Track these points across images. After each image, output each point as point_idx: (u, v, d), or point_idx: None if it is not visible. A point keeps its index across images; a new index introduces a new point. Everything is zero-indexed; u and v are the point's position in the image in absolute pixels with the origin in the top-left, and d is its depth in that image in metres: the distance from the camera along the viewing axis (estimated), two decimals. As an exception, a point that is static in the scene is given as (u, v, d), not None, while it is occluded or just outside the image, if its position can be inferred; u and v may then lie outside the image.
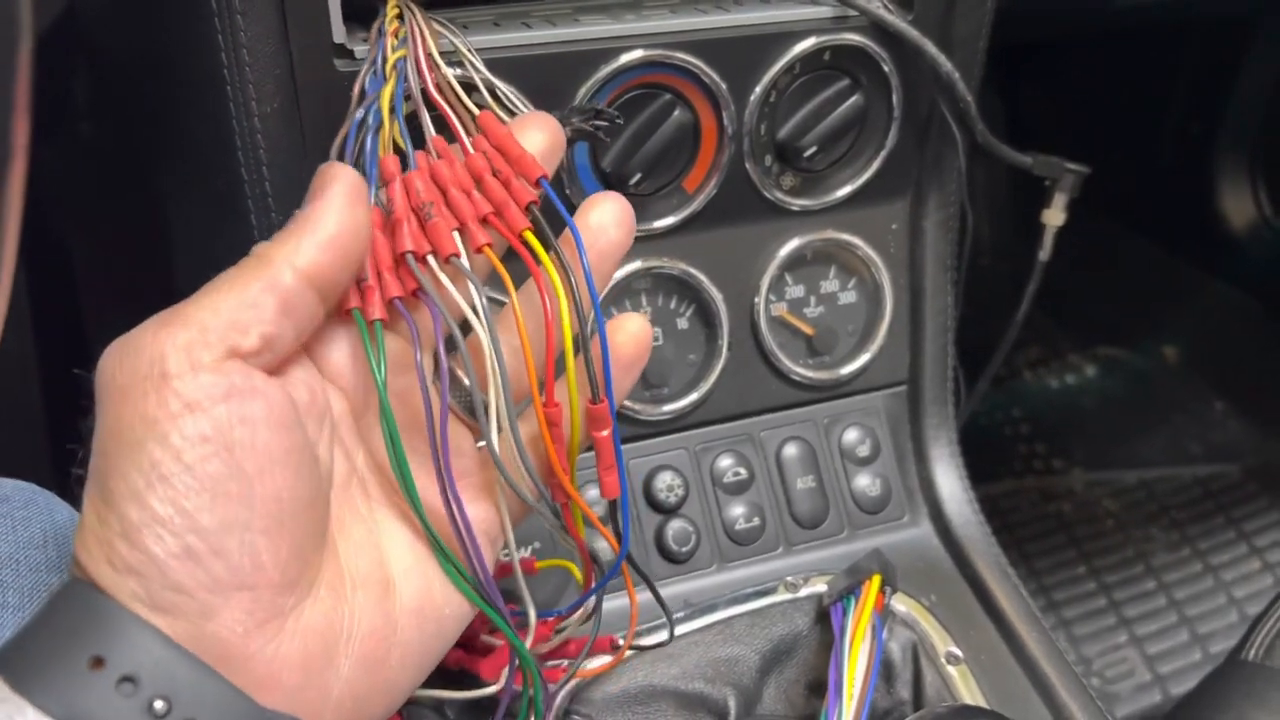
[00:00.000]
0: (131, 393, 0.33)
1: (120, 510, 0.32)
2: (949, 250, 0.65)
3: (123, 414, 0.33)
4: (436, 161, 0.43)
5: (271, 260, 0.36)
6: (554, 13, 0.56)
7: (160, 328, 0.34)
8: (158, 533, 0.32)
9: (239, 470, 0.33)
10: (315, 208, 0.38)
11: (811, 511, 0.63)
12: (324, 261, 0.37)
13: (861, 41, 0.58)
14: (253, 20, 0.47)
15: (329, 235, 0.37)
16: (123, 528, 0.32)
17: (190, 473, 0.33)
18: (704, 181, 0.59)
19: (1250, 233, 1.40)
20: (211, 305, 0.35)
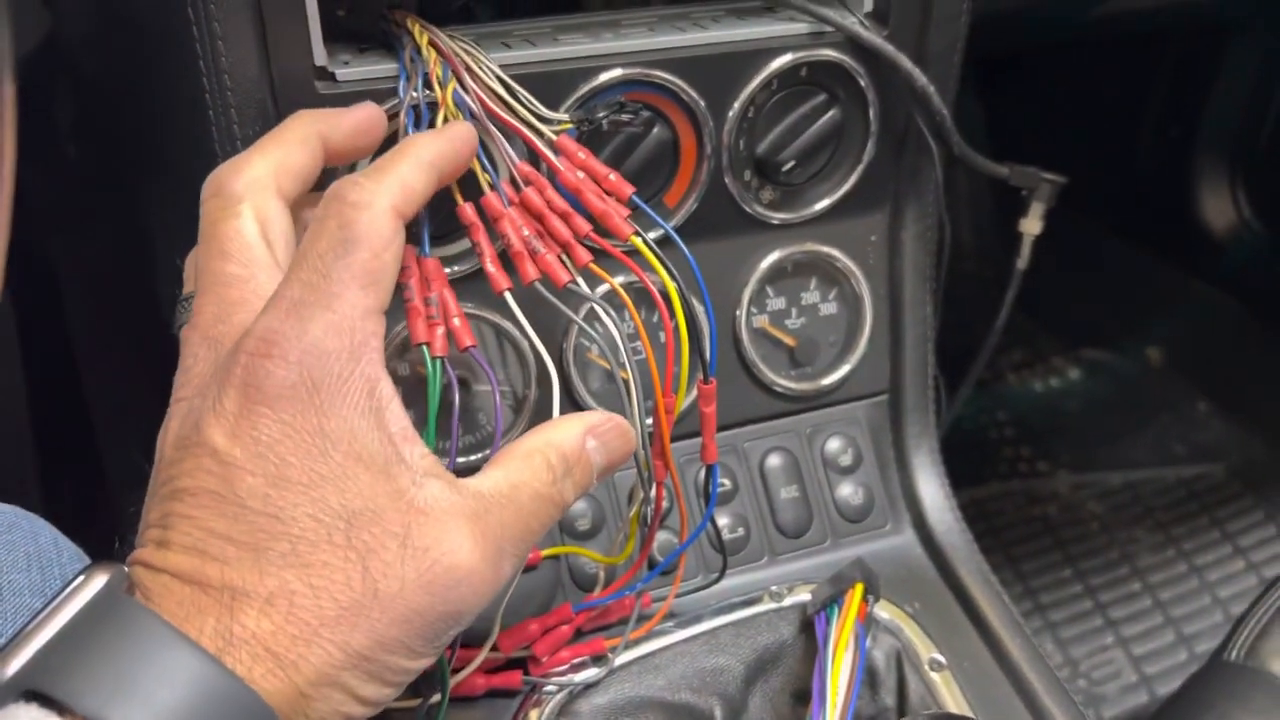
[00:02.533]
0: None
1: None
2: (928, 261, 0.66)
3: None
4: (526, 190, 0.48)
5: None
6: (533, 32, 0.56)
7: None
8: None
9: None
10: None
11: (795, 521, 0.63)
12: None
13: (838, 57, 0.59)
14: (233, 45, 0.48)
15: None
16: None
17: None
18: (684, 196, 0.60)
19: (1230, 234, 1.41)
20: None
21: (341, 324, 0.37)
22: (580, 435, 0.41)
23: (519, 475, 0.39)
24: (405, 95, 0.49)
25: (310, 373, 0.36)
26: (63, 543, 0.45)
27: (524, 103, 0.51)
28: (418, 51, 0.50)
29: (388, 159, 0.42)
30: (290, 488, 0.35)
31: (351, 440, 0.36)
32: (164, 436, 0.38)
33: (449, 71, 0.49)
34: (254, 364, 0.36)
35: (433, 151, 0.43)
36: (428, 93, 0.49)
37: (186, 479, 0.35)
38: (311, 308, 0.37)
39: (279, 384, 0.36)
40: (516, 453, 0.40)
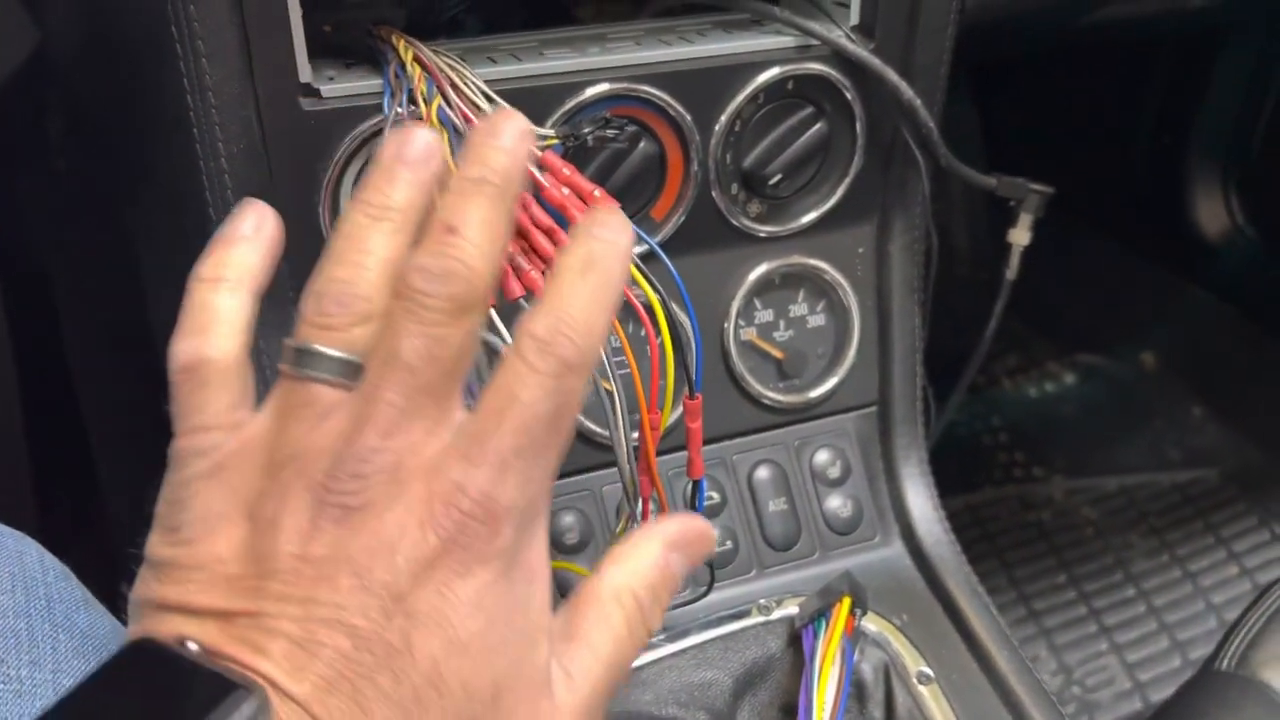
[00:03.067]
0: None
1: None
2: (915, 273, 0.66)
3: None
4: None
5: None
6: (519, 47, 0.56)
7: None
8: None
9: None
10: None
11: (784, 534, 0.63)
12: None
13: (824, 70, 0.59)
14: (218, 63, 0.48)
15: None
16: None
17: None
18: (671, 210, 0.60)
19: (1224, 240, 1.41)
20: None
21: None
22: (661, 558, 0.39)
23: (612, 633, 0.37)
24: (390, 111, 0.49)
25: (526, 537, 0.35)
26: (48, 561, 0.45)
27: None
28: (402, 67, 0.50)
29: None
30: (460, 657, 0.33)
31: (523, 611, 0.35)
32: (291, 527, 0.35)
33: (433, 87, 0.49)
34: (473, 529, 0.34)
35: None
36: (412, 108, 0.49)
37: (357, 616, 0.33)
38: (526, 469, 0.34)
39: (495, 552, 0.34)
40: (605, 597, 0.38)
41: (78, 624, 0.43)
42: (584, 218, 0.39)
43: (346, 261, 0.37)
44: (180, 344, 0.38)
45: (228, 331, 0.38)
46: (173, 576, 0.35)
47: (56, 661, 0.41)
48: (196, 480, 0.36)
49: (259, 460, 0.36)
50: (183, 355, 0.38)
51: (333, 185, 0.52)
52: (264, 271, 0.40)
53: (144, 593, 0.36)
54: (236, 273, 0.39)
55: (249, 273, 0.39)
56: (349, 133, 0.51)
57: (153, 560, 0.36)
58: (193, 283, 0.39)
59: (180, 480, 0.36)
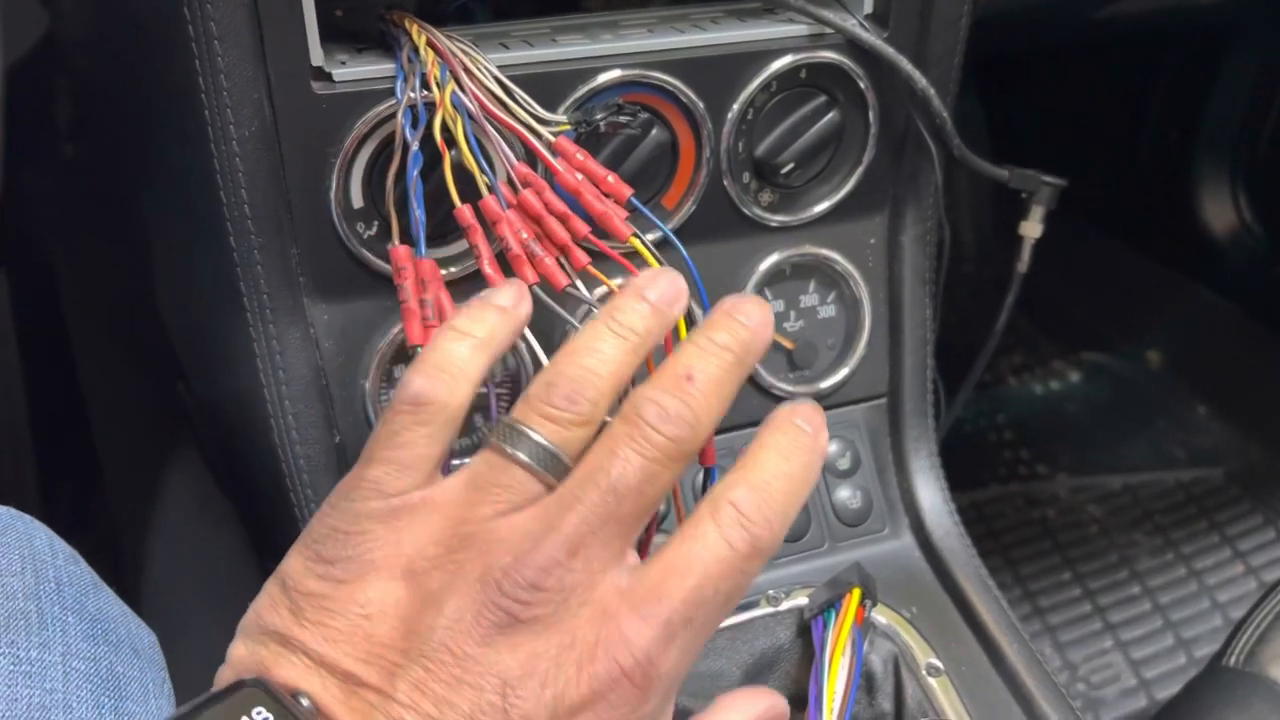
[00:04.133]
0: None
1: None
2: (927, 264, 0.66)
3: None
4: (524, 192, 0.47)
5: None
6: (532, 33, 0.56)
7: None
8: None
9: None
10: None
11: (793, 525, 0.63)
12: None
13: (837, 59, 0.59)
14: (230, 45, 0.47)
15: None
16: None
17: None
18: (683, 198, 0.59)
19: (1230, 238, 1.41)
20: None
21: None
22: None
23: None
24: (403, 96, 0.49)
25: (666, 707, 0.35)
26: (58, 545, 0.45)
27: (522, 104, 0.50)
28: (415, 52, 0.50)
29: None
30: None
31: None
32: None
33: (447, 72, 0.49)
34: (625, 690, 0.33)
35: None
36: (425, 93, 0.49)
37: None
38: (689, 642, 0.34)
39: (638, 719, 0.33)
40: None
41: (87, 607, 0.43)
42: (787, 408, 0.39)
43: (583, 365, 0.37)
44: (415, 376, 0.38)
45: (463, 385, 0.38)
46: (308, 614, 0.34)
47: (66, 644, 0.41)
48: (369, 519, 0.35)
49: (437, 525, 0.35)
50: (415, 387, 0.37)
51: (344, 169, 0.51)
52: (509, 342, 0.41)
53: (271, 620, 0.35)
54: (486, 333, 0.39)
55: (497, 338, 0.40)
56: (360, 117, 0.50)
57: (293, 585, 0.35)
58: (443, 329, 0.40)
59: (352, 512, 0.35)
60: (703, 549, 0.34)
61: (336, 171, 0.51)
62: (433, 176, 0.49)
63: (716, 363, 0.37)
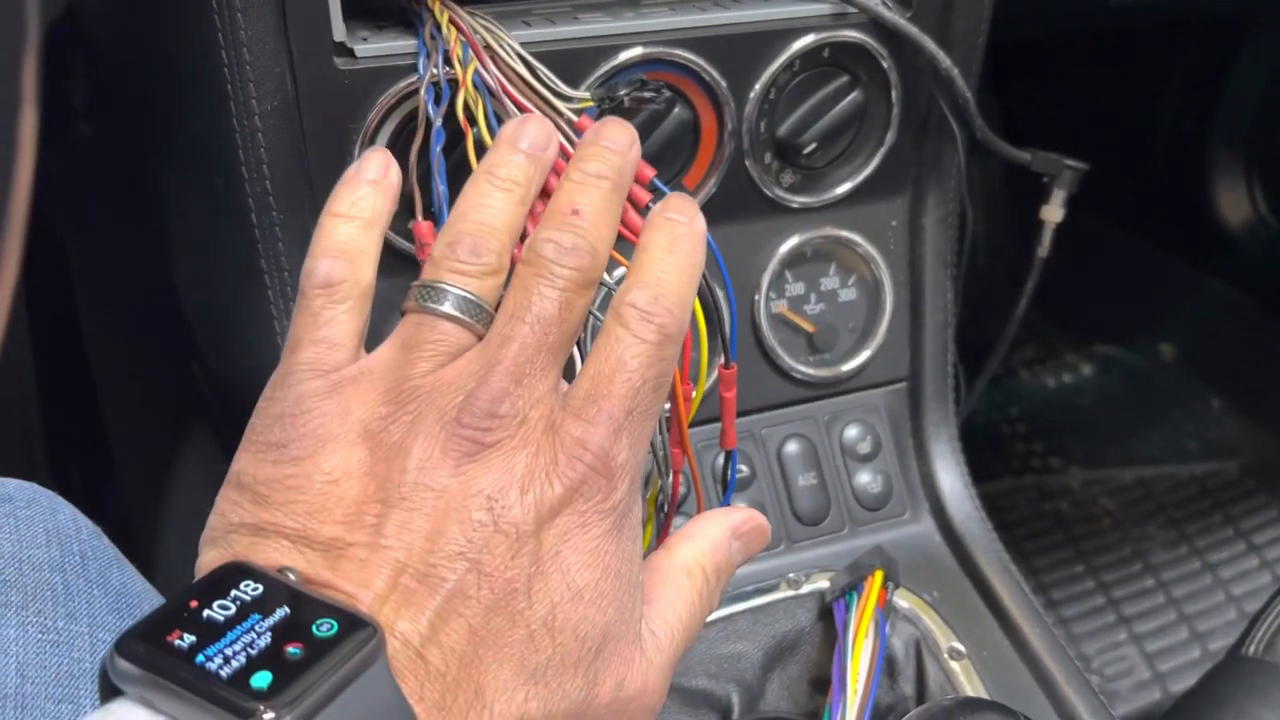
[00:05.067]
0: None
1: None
2: (949, 247, 0.65)
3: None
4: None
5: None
6: (554, 10, 0.56)
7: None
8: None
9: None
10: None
11: (813, 508, 0.63)
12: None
13: (861, 38, 0.58)
14: (253, 18, 0.47)
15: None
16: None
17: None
18: (704, 179, 0.59)
19: (1245, 230, 1.40)
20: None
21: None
22: (726, 540, 0.42)
23: (686, 601, 0.39)
24: (425, 73, 0.48)
25: (634, 494, 0.36)
26: (80, 520, 0.45)
27: (545, 81, 0.50)
28: (438, 29, 0.49)
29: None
30: (575, 603, 0.34)
31: (629, 566, 0.36)
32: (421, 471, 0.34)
33: (469, 50, 0.49)
34: (595, 482, 0.35)
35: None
36: (448, 70, 0.49)
37: (484, 553, 0.33)
38: (635, 430, 0.36)
39: (610, 507, 0.35)
40: (677, 569, 0.40)
41: (111, 581, 0.43)
42: (658, 206, 0.42)
43: (476, 220, 0.39)
44: (319, 261, 0.39)
45: (364, 263, 0.39)
46: (273, 498, 0.34)
47: (92, 615, 0.41)
48: (311, 398, 0.36)
49: (382, 388, 0.36)
50: (321, 271, 0.38)
51: (365, 144, 0.51)
52: (390, 210, 0.42)
53: (233, 516, 0.35)
54: (370, 212, 0.41)
55: (379, 214, 0.41)
56: (382, 93, 0.50)
57: (246, 479, 0.35)
58: (327, 217, 0.40)
59: (292, 396, 0.36)
60: (620, 349, 0.37)
61: (358, 147, 0.51)
62: (455, 153, 0.49)
63: (596, 193, 0.40)
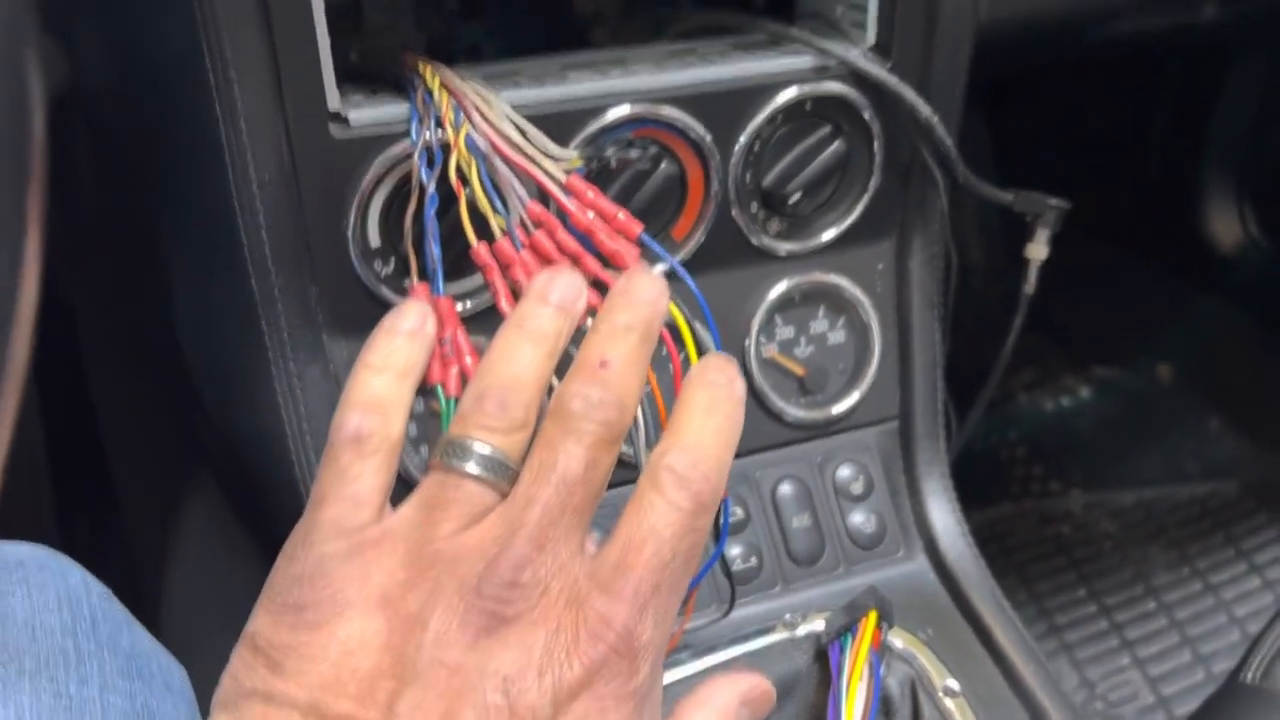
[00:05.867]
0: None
1: None
2: (935, 288, 0.66)
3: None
4: (536, 234, 0.48)
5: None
6: (542, 71, 0.57)
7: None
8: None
9: None
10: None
11: (808, 549, 0.64)
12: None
13: (842, 90, 0.60)
14: (249, 89, 0.49)
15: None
16: None
17: None
18: (692, 230, 0.60)
19: (1238, 251, 1.41)
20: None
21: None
22: (736, 707, 0.41)
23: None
24: (419, 138, 0.50)
25: (656, 675, 0.36)
26: (91, 582, 0.46)
27: (534, 141, 0.52)
28: (430, 93, 0.51)
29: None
30: None
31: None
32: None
33: (461, 114, 0.50)
34: (616, 664, 0.34)
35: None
36: (440, 134, 0.50)
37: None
38: (662, 606, 0.35)
39: (632, 691, 0.34)
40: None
41: (121, 644, 0.44)
42: (697, 366, 0.41)
43: (505, 373, 0.38)
44: (349, 414, 0.38)
45: (395, 416, 0.39)
46: (287, 665, 0.33)
47: (103, 679, 0.42)
48: (331, 560, 0.35)
49: (403, 552, 0.35)
50: (351, 425, 0.38)
51: (360, 209, 0.52)
52: (425, 363, 0.42)
53: (246, 680, 0.34)
54: (404, 363, 0.41)
55: (414, 364, 0.41)
56: (376, 158, 0.52)
57: (265, 642, 0.34)
58: (360, 368, 0.40)
59: (313, 557, 0.35)
60: (653, 518, 0.36)
61: (354, 212, 0.52)
62: (448, 215, 0.50)
63: (625, 345, 0.39)
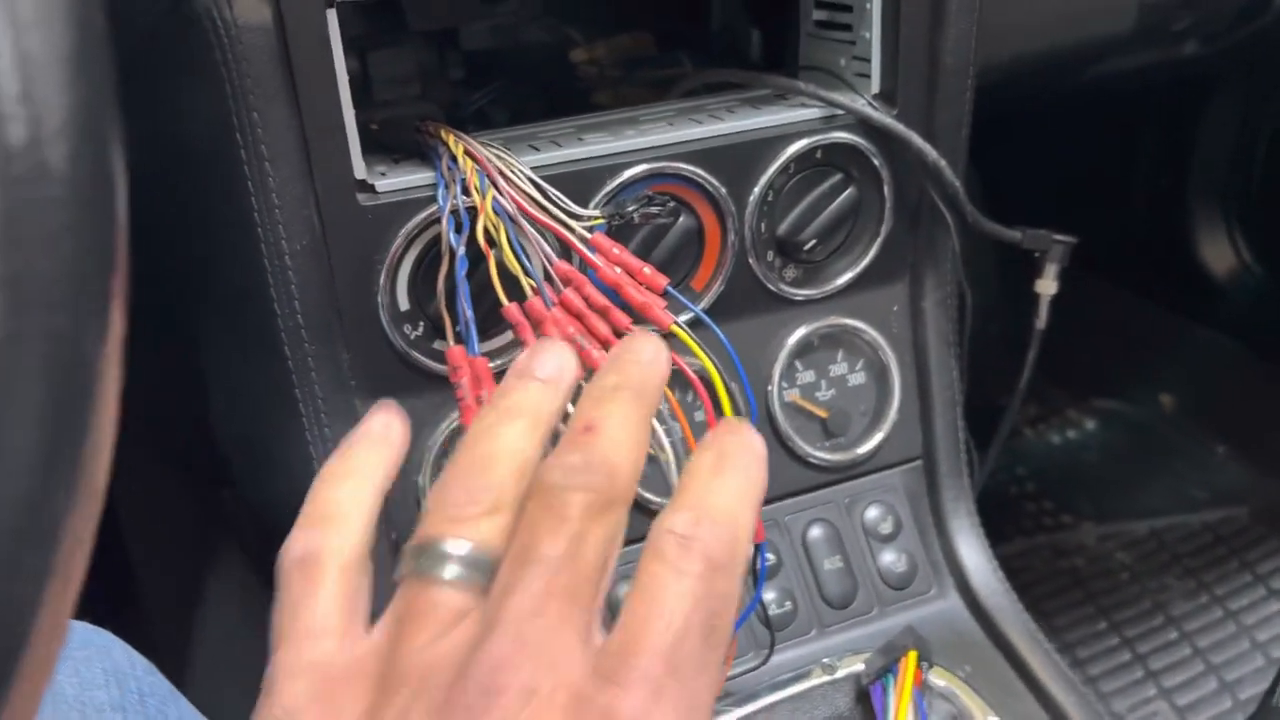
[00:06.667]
0: None
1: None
2: (950, 327, 0.67)
3: None
4: (566, 292, 0.49)
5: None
6: (558, 133, 0.59)
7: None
8: None
9: None
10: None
11: (841, 592, 0.64)
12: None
13: (851, 139, 0.61)
14: (280, 165, 0.50)
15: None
16: None
17: None
18: (711, 279, 0.61)
19: (1232, 278, 1.43)
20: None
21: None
22: None
23: None
24: (446, 203, 0.51)
25: None
26: (135, 657, 0.46)
27: (556, 202, 0.53)
28: (454, 160, 0.52)
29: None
30: None
31: None
32: None
33: (485, 179, 0.51)
34: None
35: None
36: (466, 199, 0.51)
37: None
38: (684, 692, 0.29)
39: None
40: None
41: (170, 716, 0.44)
42: (709, 433, 0.36)
43: (474, 455, 0.34)
44: (297, 535, 0.34)
45: (351, 527, 0.35)
46: None
47: None
48: (298, 700, 0.32)
49: (373, 675, 0.31)
50: (298, 547, 0.34)
51: (390, 276, 0.53)
52: (391, 471, 0.37)
53: None
54: (363, 468, 0.36)
55: (377, 469, 0.36)
56: (404, 225, 0.53)
57: None
58: (317, 480, 0.36)
59: (281, 702, 0.32)
60: (656, 589, 0.30)
61: (383, 277, 0.53)
62: (475, 275, 0.51)
63: (613, 404, 0.34)
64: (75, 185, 0.23)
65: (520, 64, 0.73)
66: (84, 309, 0.24)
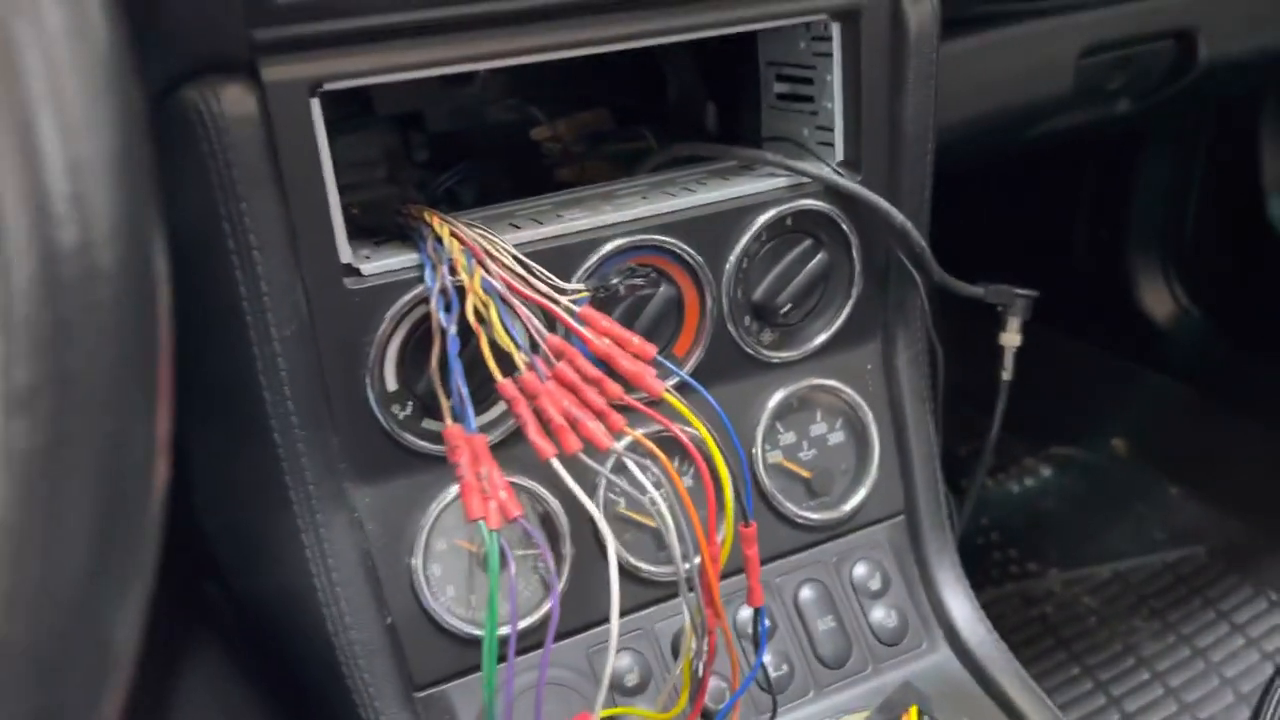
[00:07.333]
0: None
1: None
2: (923, 383, 0.69)
3: None
4: (559, 365, 0.49)
5: None
6: (537, 211, 0.60)
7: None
8: None
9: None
10: None
11: (835, 652, 0.64)
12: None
13: (819, 205, 0.63)
14: (268, 253, 0.50)
15: None
16: None
17: None
18: (692, 346, 0.62)
19: (1173, 323, 1.48)
20: None
21: None
22: None
23: None
24: (435, 284, 0.51)
25: None
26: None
27: (542, 278, 0.54)
28: (439, 241, 0.53)
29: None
30: None
31: None
32: None
33: (471, 258, 0.52)
34: None
35: None
36: (453, 279, 0.52)
37: None
38: None
39: None
40: None
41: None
42: None
43: None
44: None
45: None
46: None
47: None
48: None
49: None
50: None
51: (378, 358, 0.54)
52: None
53: None
54: None
55: None
56: (390, 306, 0.53)
57: None
58: None
59: None
60: None
61: (371, 359, 0.53)
62: (465, 352, 0.52)
63: None
64: (124, 287, 0.23)
65: (485, 144, 0.74)
66: (132, 406, 0.24)
